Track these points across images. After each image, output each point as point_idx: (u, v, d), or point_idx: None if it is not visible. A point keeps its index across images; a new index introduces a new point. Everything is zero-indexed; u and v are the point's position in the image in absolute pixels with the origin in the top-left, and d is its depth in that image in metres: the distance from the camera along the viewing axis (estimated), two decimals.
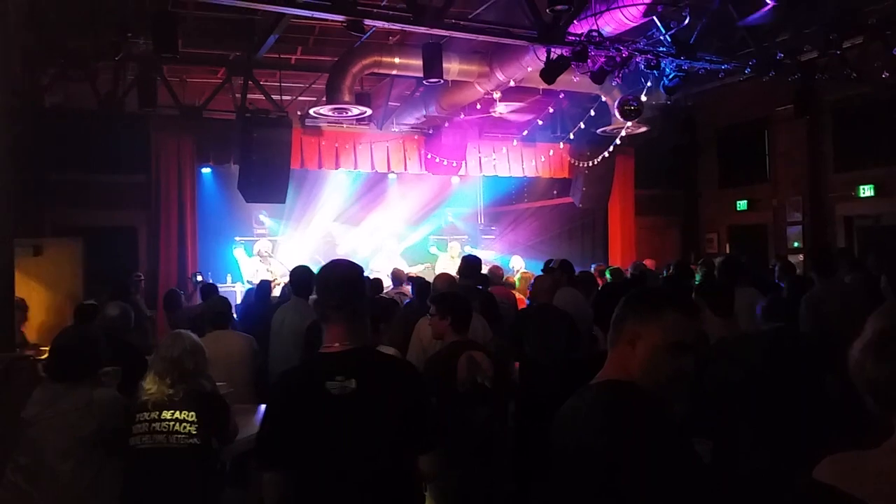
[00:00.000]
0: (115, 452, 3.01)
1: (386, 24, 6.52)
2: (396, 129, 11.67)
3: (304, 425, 2.13)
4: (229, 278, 11.68)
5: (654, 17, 7.16)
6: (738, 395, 3.40)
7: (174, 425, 2.96)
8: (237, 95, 9.77)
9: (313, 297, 2.36)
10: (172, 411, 2.98)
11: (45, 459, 2.98)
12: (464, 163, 11.87)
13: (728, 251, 13.23)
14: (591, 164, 11.78)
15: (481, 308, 4.88)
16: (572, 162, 12.33)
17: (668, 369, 1.76)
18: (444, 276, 5.75)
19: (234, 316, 6.09)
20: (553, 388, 3.30)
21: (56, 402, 3.00)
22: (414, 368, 2.56)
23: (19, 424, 3.03)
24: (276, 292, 9.48)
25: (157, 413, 2.98)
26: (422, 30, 6.58)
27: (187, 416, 2.99)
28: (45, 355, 3.70)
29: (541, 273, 7.87)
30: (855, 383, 1.35)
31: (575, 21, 7.00)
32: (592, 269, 9.63)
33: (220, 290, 9.96)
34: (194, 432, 2.97)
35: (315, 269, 7.90)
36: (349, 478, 2.11)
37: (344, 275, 2.31)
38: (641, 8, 6.83)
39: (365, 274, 2.54)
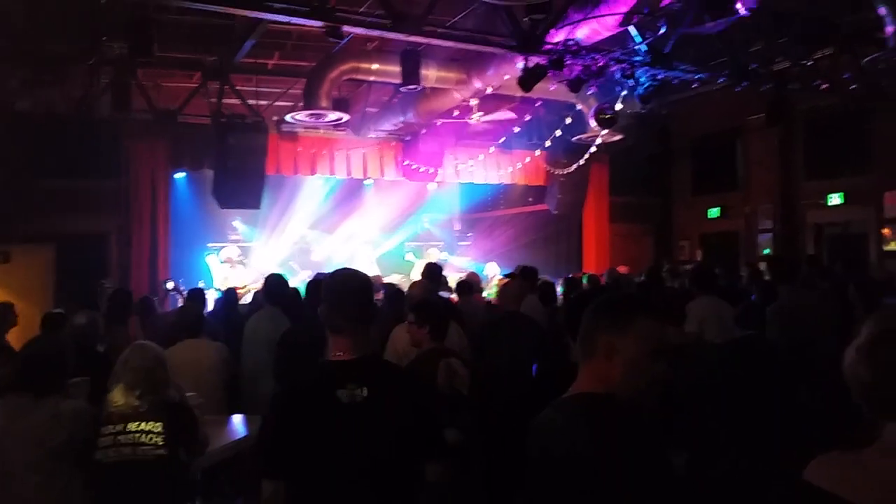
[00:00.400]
0: (84, 465, 2.94)
1: (364, 31, 6.51)
2: (374, 136, 11.64)
3: (313, 433, 2.12)
4: (202, 284, 11.55)
5: (630, 27, 7.24)
6: (712, 400, 3.44)
7: (140, 437, 2.90)
8: (213, 100, 9.66)
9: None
10: (138, 423, 2.93)
11: (13, 472, 2.91)
12: (441, 170, 11.88)
13: (699, 258, 13.41)
14: (566, 171, 11.86)
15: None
16: (548, 169, 12.40)
17: (647, 375, 1.78)
18: (419, 284, 5.74)
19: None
20: (521, 399, 3.32)
21: (23, 415, 2.93)
22: (420, 381, 2.57)
23: None
24: (249, 298, 9.44)
25: (123, 425, 2.92)
26: (400, 37, 6.58)
27: (153, 427, 2.93)
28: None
29: (505, 279, 7.93)
30: (850, 386, 1.38)
31: (552, 30, 7.05)
32: (563, 277, 9.71)
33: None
34: (161, 443, 2.92)
35: (288, 277, 7.90)
36: (357, 485, 2.11)
37: (358, 286, 2.33)
38: (617, 18, 6.90)
39: None
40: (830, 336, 4.71)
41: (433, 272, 6.28)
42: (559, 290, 7.99)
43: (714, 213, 13.09)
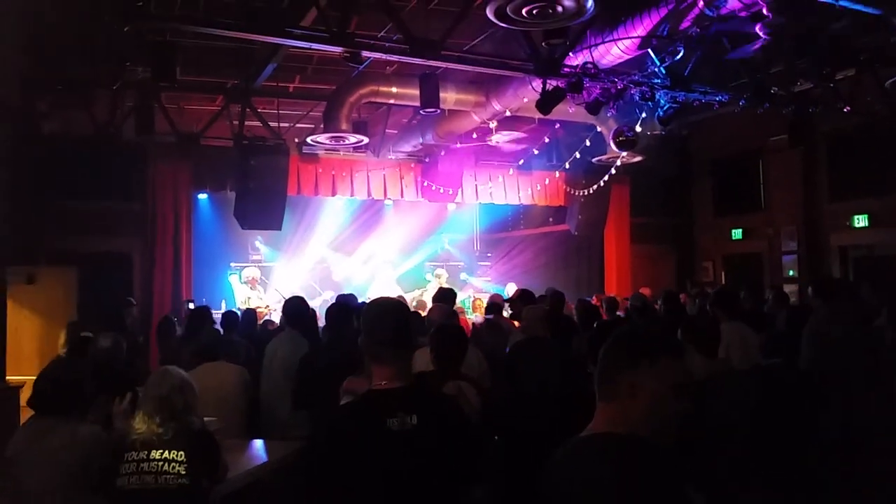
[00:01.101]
0: (101, 491, 2.96)
1: (383, 56, 6.57)
2: (393, 157, 11.72)
3: (364, 460, 2.13)
4: (224, 304, 11.65)
5: (649, 50, 7.24)
6: (735, 434, 3.37)
7: (163, 465, 2.91)
8: (235, 122, 9.80)
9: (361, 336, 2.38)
10: (161, 451, 2.94)
11: (32, 495, 2.93)
12: (460, 190, 11.91)
13: (723, 280, 13.27)
14: (586, 192, 11.83)
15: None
16: (568, 190, 12.38)
17: (670, 413, 1.74)
18: (437, 309, 5.72)
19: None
20: (544, 427, 3.25)
21: (41, 439, 2.97)
22: (463, 410, 2.58)
23: (2, 463, 2.99)
24: (272, 317, 9.49)
25: (146, 453, 2.93)
26: (419, 62, 6.63)
27: (176, 455, 2.94)
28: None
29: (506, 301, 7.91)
30: None
31: (571, 53, 7.07)
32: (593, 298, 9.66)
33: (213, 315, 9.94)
34: (183, 472, 2.93)
35: (309, 298, 7.92)
36: None
37: (396, 315, 2.34)
38: (636, 41, 6.91)
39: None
40: (862, 362, 4.63)
41: (443, 296, 6.25)
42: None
43: (737, 234, 12.96)
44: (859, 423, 4.22)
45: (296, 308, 5.51)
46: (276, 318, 9.25)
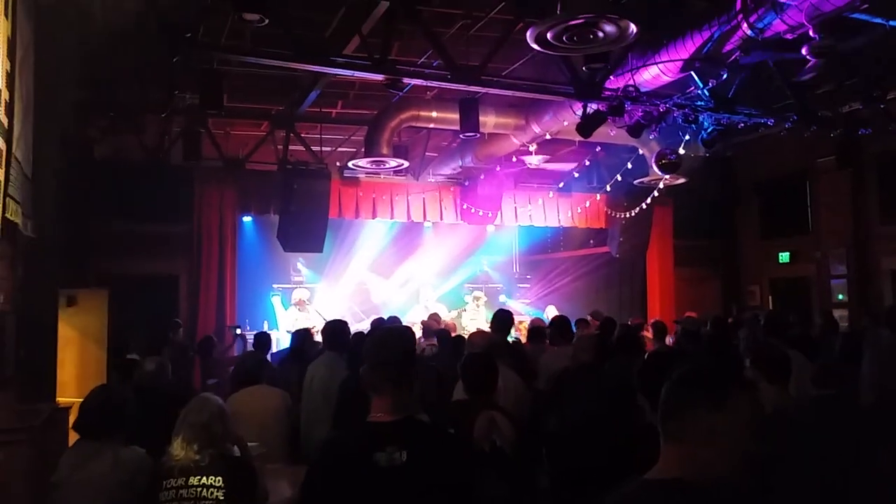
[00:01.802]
0: None
1: (424, 83, 6.63)
2: (433, 179, 11.80)
3: (351, 496, 2.10)
4: (266, 325, 11.80)
5: (692, 72, 7.17)
6: (796, 471, 3.25)
7: (201, 491, 2.94)
8: (279, 147, 10.00)
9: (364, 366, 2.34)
10: (199, 477, 2.97)
11: None
12: (499, 213, 11.90)
13: (770, 304, 12.95)
14: (628, 214, 11.71)
15: (513, 363, 4.81)
16: (609, 212, 12.28)
17: (749, 454, 1.62)
18: (479, 334, 5.68)
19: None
20: (594, 462, 3.17)
21: (85, 464, 3.04)
22: (465, 443, 2.51)
23: (47, 488, 3.06)
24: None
25: (185, 479, 2.96)
26: (460, 87, 6.68)
27: (214, 481, 2.97)
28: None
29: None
30: None
31: (612, 76, 7.05)
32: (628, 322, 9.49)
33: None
34: (222, 498, 2.95)
35: (350, 320, 7.95)
36: None
37: (398, 345, 2.29)
38: (679, 63, 6.85)
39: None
40: None
41: (500, 320, 6.18)
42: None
43: (784, 257, 12.65)
44: None
45: (335, 331, 5.55)
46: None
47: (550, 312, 11.98)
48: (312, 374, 5.25)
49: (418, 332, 8.69)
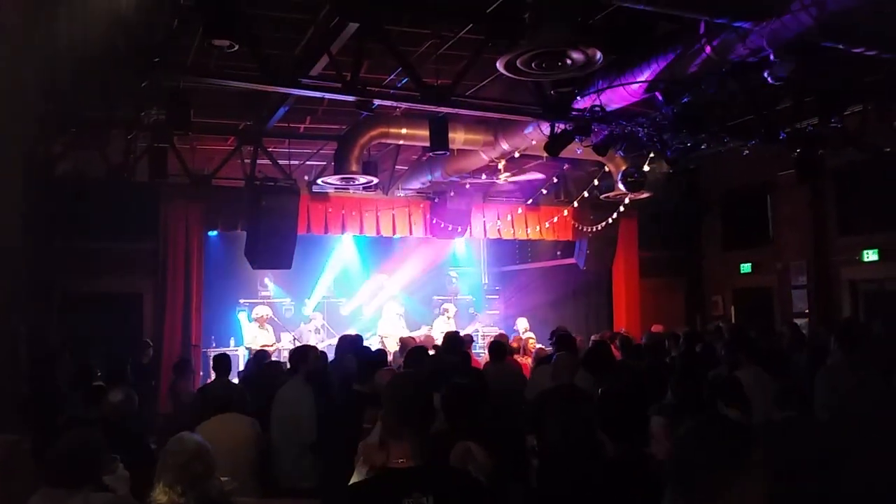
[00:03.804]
0: None
1: (394, 103, 6.65)
2: (402, 194, 11.81)
3: None
4: (233, 342, 11.68)
5: (657, 93, 7.30)
6: None
7: None
8: (247, 162, 9.91)
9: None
10: None
11: None
12: (468, 227, 11.96)
13: (733, 314, 13.20)
14: (595, 228, 11.86)
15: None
16: (576, 226, 12.41)
17: None
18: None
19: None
20: (578, 489, 3.17)
21: None
22: (482, 484, 2.57)
23: None
24: (281, 356, 9.51)
25: None
26: (430, 108, 6.71)
27: None
28: None
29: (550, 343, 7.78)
30: None
31: (578, 97, 7.15)
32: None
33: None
34: None
35: (317, 338, 7.88)
36: None
37: (416, 394, 2.35)
38: (644, 84, 6.98)
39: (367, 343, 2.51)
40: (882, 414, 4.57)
41: (450, 341, 6.22)
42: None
43: (746, 268, 12.92)
44: (882, 479, 4.18)
45: (301, 356, 5.56)
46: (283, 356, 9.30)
47: (521, 325, 12.07)
48: (281, 400, 5.23)
49: (393, 347, 8.70)
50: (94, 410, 4.76)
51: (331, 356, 6.76)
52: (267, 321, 10.92)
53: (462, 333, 9.50)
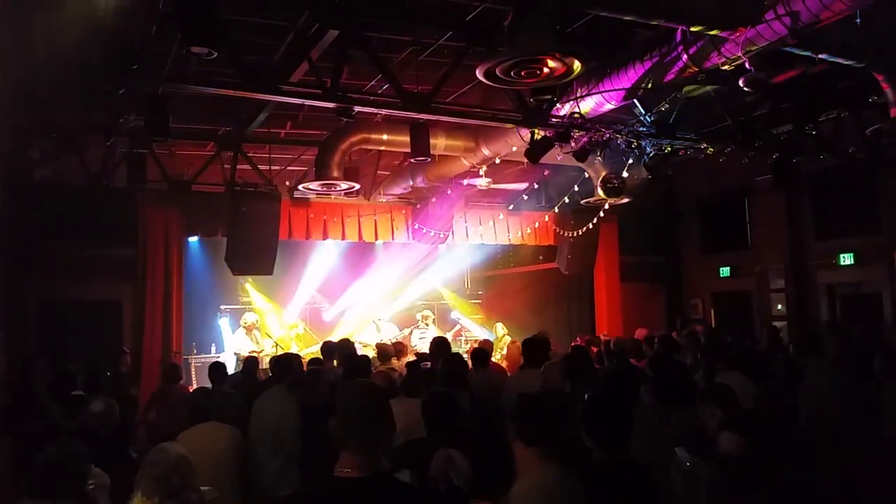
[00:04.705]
0: None
1: (375, 110, 6.67)
2: (384, 199, 11.80)
3: None
4: (214, 348, 11.61)
5: (635, 100, 7.39)
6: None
7: None
8: (227, 167, 9.85)
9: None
10: None
11: None
12: (451, 233, 11.98)
13: (713, 317, 13.35)
14: (575, 233, 11.93)
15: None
16: (557, 231, 12.49)
17: None
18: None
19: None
20: None
21: None
22: (432, 497, 2.56)
23: None
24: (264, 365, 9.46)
25: None
26: (411, 115, 6.74)
27: None
28: None
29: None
30: None
31: (558, 104, 7.21)
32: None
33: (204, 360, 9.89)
34: None
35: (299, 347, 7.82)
36: None
37: (369, 403, 2.32)
38: (622, 91, 7.05)
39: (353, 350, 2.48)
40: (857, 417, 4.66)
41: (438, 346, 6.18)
42: None
43: (725, 272, 13.08)
44: (857, 480, 4.25)
45: (283, 364, 5.54)
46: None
47: (499, 330, 12.12)
48: (261, 409, 5.20)
49: (371, 353, 8.68)
50: (74, 421, 4.73)
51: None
52: (255, 328, 10.87)
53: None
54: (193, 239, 11.23)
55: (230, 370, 8.42)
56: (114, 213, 9.86)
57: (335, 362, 7.32)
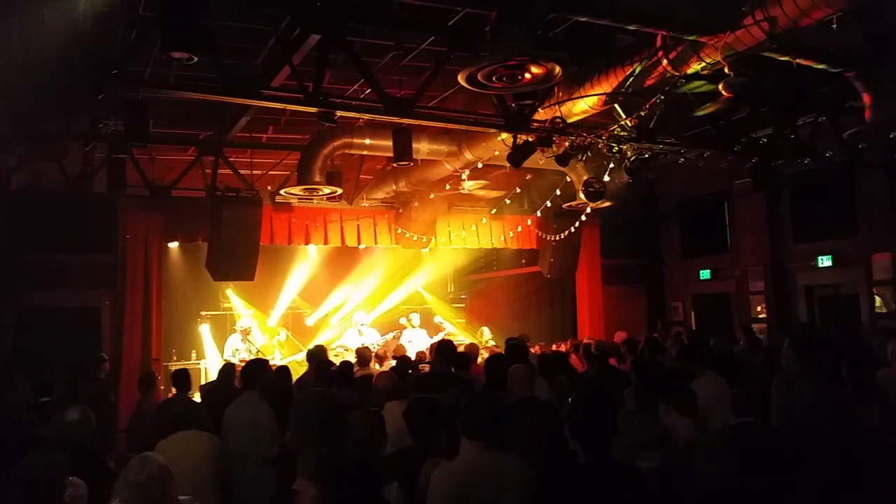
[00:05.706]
0: None
1: (357, 115, 6.65)
2: (367, 204, 11.78)
3: None
4: (194, 355, 11.50)
5: (616, 105, 7.43)
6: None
7: None
8: (208, 172, 9.77)
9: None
10: None
11: None
12: (433, 237, 11.97)
13: (693, 319, 13.46)
14: (558, 237, 11.98)
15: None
16: (540, 235, 12.53)
17: None
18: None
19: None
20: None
21: None
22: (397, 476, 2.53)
23: None
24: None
25: None
26: (393, 120, 6.73)
27: None
28: None
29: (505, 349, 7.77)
30: None
31: (539, 109, 7.23)
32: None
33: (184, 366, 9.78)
34: None
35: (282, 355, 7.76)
36: None
37: (320, 413, 2.32)
38: (603, 96, 7.09)
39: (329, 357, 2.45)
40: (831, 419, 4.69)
41: (445, 350, 6.19)
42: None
43: (705, 274, 13.19)
44: (834, 483, 4.30)
45: (254, 370, 5.51)
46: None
47: (485, 334, 12.12)
48: (233, 415, 5.16)
49: (352, 358, 8.64)
50: (50, 430, 4.65)
51: None
52: (250, 333, 10.79)
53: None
54: (174, 244, 11.14)
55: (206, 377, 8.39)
56: (93, 219, 9.76)
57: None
